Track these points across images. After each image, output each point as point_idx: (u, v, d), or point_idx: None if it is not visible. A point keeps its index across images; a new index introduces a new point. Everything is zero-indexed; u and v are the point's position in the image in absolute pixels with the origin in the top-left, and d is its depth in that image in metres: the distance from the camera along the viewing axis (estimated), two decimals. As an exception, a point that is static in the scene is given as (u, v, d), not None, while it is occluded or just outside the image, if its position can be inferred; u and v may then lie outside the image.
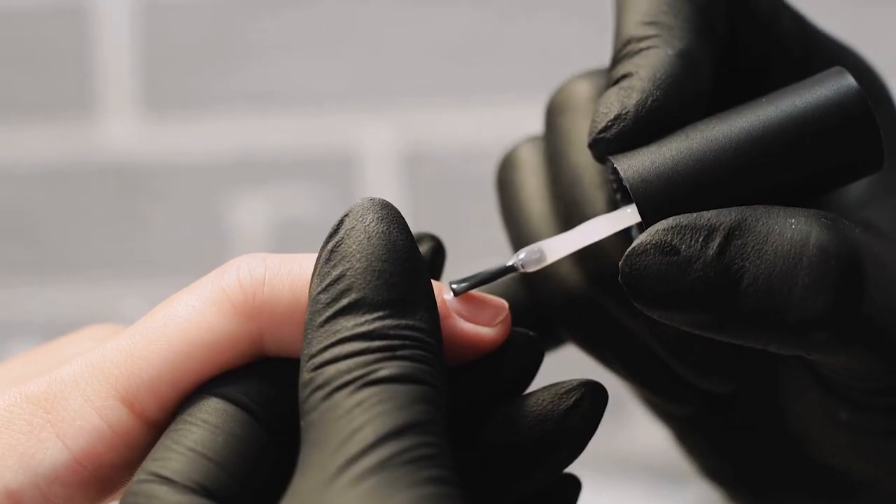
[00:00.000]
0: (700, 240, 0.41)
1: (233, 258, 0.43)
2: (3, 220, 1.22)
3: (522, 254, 0.45)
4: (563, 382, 0.43)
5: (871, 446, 0.48)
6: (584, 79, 0.50)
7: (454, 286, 0.43)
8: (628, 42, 0.46)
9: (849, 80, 0.43)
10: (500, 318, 0.43)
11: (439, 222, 1.14)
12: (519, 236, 0.51)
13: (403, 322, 0.39)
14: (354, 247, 0.40)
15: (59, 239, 1.22)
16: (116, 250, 1.21)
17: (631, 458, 1.14)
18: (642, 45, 0.45)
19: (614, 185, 0.46)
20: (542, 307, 0.51)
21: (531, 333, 0.44)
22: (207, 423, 0.40)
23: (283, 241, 1.18)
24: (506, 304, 0.43)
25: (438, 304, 0.42)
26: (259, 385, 0.41)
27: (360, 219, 0.40)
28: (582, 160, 0.48)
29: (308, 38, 1.17)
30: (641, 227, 0.43)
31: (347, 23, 1.16)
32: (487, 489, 0.43)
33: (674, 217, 0.42)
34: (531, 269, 0.45)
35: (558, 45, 1.14)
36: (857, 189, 0.48)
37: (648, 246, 0.41)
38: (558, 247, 0.45)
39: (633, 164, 0.43)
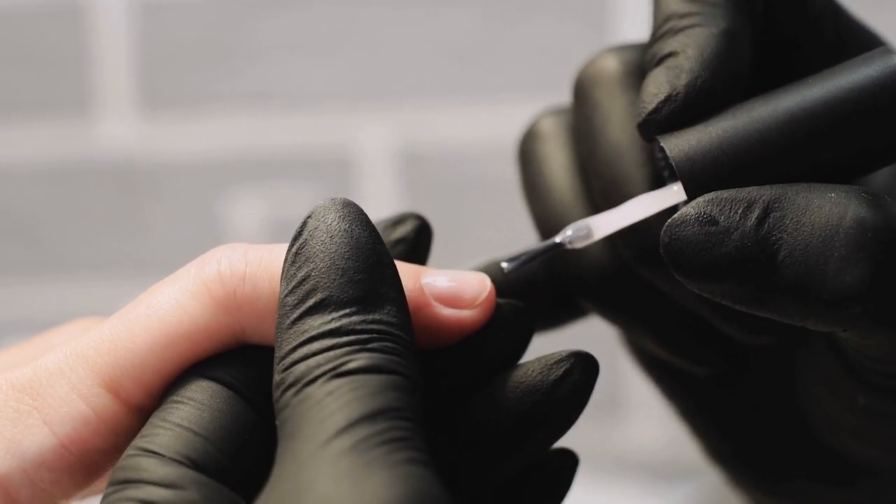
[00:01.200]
0: (739, 211, 0.42)
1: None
2: (1, 219, 1.23)
3: (570, 230, 0.45)
4: (553, 354, 0.43)
5: (886, 432, 0.48)
6: (613, 54, 0.50)
7: (506, 266, 0.44)
8: (669, 18, 0.46)
9: (895, 60, 0.43)
10: (482, 297, 0.43)
11: (436, 222, 1.14)
12: (545, 210, 0.51)
13: (370, 317, 0.39)
14: (318, 247, 0.40)
15: (57, 238, 1.22)
16: (114, 249, 1.22)
17: (626, 456, 1.14)
18: (684, 22, 0.45)
19: (662, 163, 0.46)
20: (564, 278, 0.51)
21: (521, 305, 0.44)
22: (194, 400, 0.40)
23: (280, 241, 1.18)
24: (487, 281, 0.43)
25: (415, 292, 0.42)
26: (243, 367, 0.42)
27: (323, 219, 0.41)
28: (623, 137, 0.48)
29: (306, 39, 1.17)
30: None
31: (345, 23, 1.17)
32: (479, 464, 0.43)
33: (715, 191, 0.42)
34: (578, 245, 0.45)
35: (556, 45, 1.14)
36: (885, 171, 0.48)
37: (689, 217, 0.42)
38: (606, 224, 0.45)
39: (680, 144, 0.43)
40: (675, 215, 0.42)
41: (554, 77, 1.09)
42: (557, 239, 0.45)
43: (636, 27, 1.12)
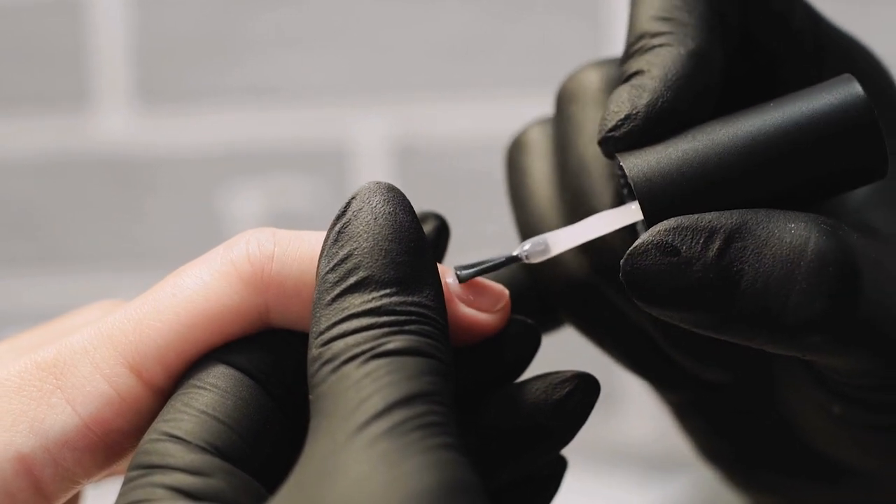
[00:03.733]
0: (701, 241, 0.42)
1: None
2: (0, 211, 1.23)
3: (527, 245, 0.46)
4: (558, 373, 0.44)
5: (862, 439, 0.49)
6: (595, 68, 0.50)
7: (459, 272, 0.44)
8: (641, 37, 0.46)
9: (856, 88, 0.43)
10: (500, 305, 0.44)
11: (432, 215, 1.14)
12: (525, 220, 0.52)
13: (410, 299, 0.40)
14: (362, 227, 0.41)
15: (55, 231, 1.22)
16: (112, 242, 1.22)
17: (621, 448, 1.15)
18: (655, 41, 0.45)
19: (622, 181, 0.47)
20: (543, 291, 0.51)
21: (529, 321, 0.45)
22: (217, 387, 0.41)
23: (277, 234, 1.18)
24: (506, 291, 0.44)
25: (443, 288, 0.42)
26: (264, 355, 0.42)
27: (367, 201, 0.41)
28: (590, 151, 0.49)
29: (303, 32, 1.18)
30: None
31: (342, 17, 1.17)
32: (479, 471, 0.43)
33: (675, 218, 0.42)
34: (535, 260, 0.46)
35: (551, 40, 1.14)
36: (861, 191, 0.48)
37: (650, 246, 0.42)
38: (563, 240, 0.45)
39: (639, 164, 0.44)
40: (637, 243, 0.42)
41: (549, 72, 1.09)
42: (515, 252, 0.46)
43: (631, 22, 1.12)
